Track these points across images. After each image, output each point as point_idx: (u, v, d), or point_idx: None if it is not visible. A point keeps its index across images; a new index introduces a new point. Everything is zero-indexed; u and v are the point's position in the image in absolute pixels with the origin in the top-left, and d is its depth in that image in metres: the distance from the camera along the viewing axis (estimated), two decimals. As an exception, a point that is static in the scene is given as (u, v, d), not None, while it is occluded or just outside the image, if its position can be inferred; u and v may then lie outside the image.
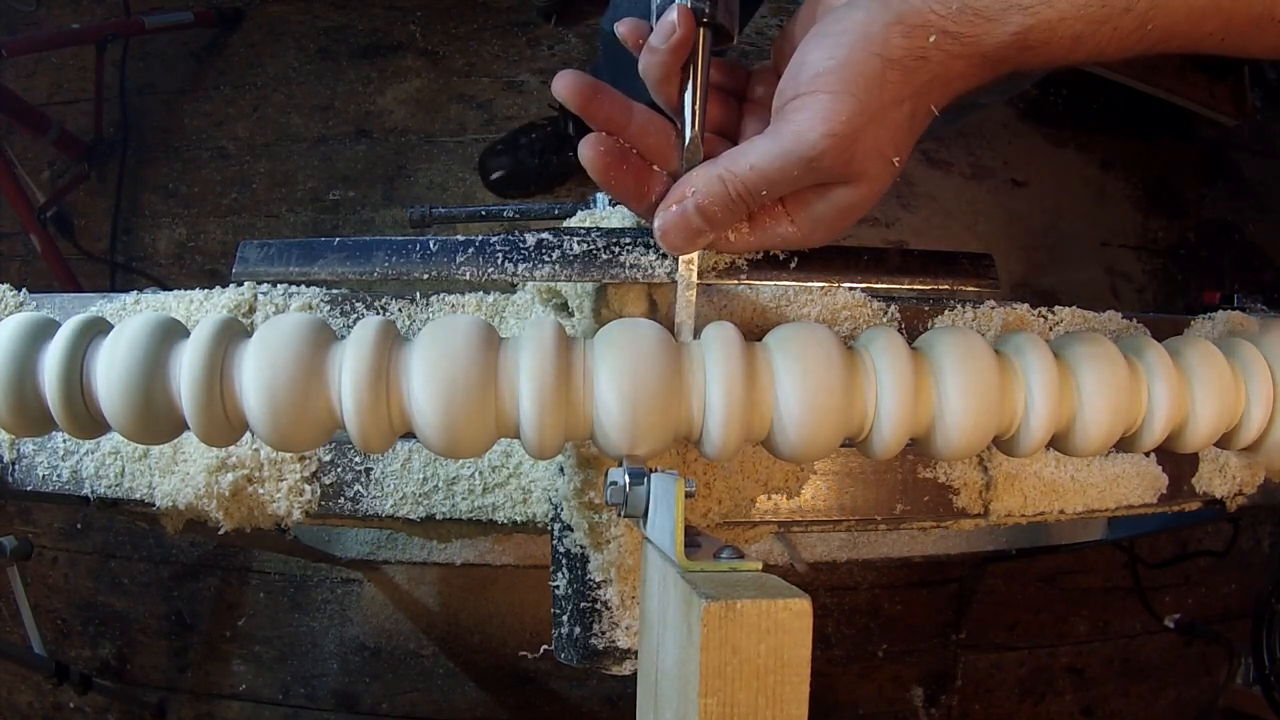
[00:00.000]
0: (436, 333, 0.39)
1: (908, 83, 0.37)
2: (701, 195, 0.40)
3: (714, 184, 0.40)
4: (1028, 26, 0.36)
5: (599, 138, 0.42)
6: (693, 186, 0.40)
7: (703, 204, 0.40)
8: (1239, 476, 0.63)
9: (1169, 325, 0.61)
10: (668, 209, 0.41)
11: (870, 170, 0.39)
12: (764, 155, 0.38)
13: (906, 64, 0.37)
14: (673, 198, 0.41)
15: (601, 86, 0.41)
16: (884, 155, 0.39)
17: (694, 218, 0.41)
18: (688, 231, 0.41)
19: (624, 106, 0.42)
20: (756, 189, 0.39)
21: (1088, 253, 1.78)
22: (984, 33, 0.36)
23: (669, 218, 0.41)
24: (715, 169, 0.40)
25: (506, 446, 0.56)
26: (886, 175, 0.40)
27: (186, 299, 0.57)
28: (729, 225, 0.42)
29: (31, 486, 0.57)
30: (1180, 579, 1.70)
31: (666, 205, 0.42)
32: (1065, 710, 1.67)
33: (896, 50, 0.36)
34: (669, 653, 0.34)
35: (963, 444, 0.42)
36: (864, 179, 0.39)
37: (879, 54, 0.36)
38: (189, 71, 1.78)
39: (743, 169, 0.39)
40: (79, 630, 1.61)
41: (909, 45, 0.36)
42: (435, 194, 1.71)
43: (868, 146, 0.38)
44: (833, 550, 1.21)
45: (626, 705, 1.32)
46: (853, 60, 0.37)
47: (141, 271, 1.70)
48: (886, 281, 0.48)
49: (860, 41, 0.37)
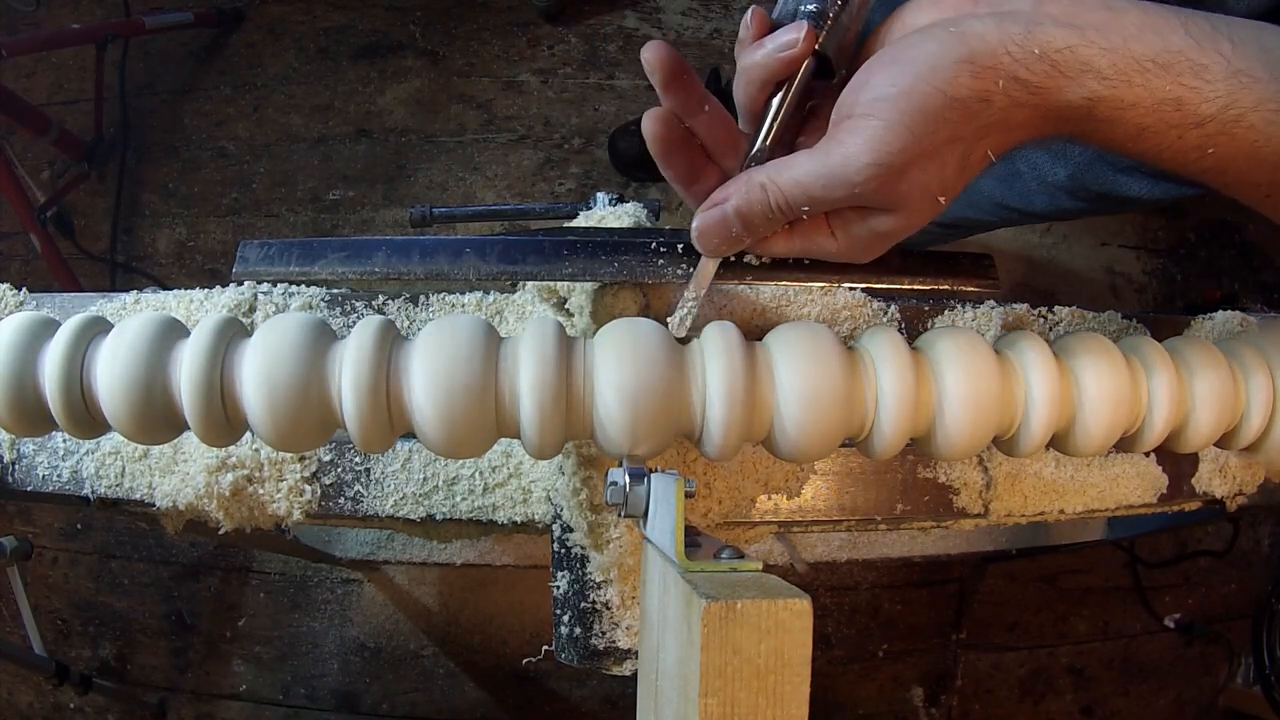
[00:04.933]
0: (436, 333, 0.39)
1: (968, 123, 0.36)
2: (742, 201, 0.40)
3: (756, 191, 0.40)
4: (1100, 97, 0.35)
5: (665, 115, 0.42)
6: (735, 191, 0.40)
7: (742, 209, 0.40)
8: (1239, 476, 0.63)
9: (1169, 325, 0.61)
10: (708, 209, 0.42)
11: (913, 203, 0.38)
12: (809, 173, 0.38)
13: (970, 104, 0.36)
14: (714, 199, 0.41)
15: (687, 69, 0.41)
16: (929, 192, 0.38)
17: (733, 222, 0.41)
18: (725, 235, 0.41)
19: (700, 94, 0.42)
20: (797, 203, 0.39)
21: (1088, 253, 1.78)
22: (1055, 88, 0.35)
23: (709, 219, 0.41)
24: (760, 176, 0.40)
25: (506, 446, 0.56)
26: (929, 210, 0.39)
27: (186, 299, 0.57)
28: (765, 234, 0.42)
29: (31, 486, 0.57)
30: (1180, 579, 1.70)
31: (708, 205, 0.42)
32: (1065, 710, 1.67)
33: (962, 89, 0.35)
34: (669, 653, 0.34)
35: (963, 444, 0.42)
36: (905, 210, 0.39)
37: (943, 90, 0.35)
38: (189, 71, 1.78)
39: (786, 182, 0.39)
40: (79, 630, 1.61)
41: (976, 85, 0.35)
42: (435, 194, 1.71)
43: (913, 181, 0.37)
44: (833, 550, 1.21)
45: (626, 705, 1.32)
46: (915, 91, 0.36)
47: (141, 271, 1.70)
48: (886, 281, 0.48)
49: (926, 73, 0.35)
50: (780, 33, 0.39)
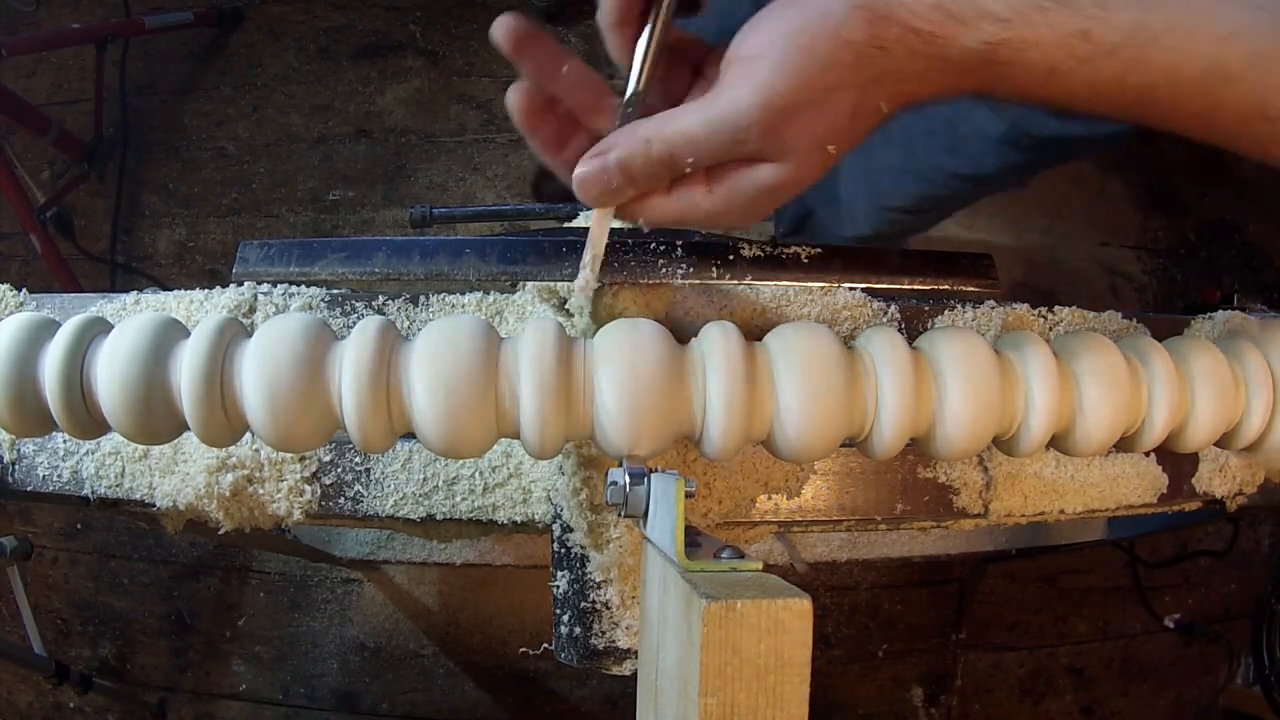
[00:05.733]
0: (436, 333, 0.39)
1: (860, 69, 0.35)
2: (624, 152, 0.39)
3: (638, 144, 0.39)
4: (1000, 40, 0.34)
5: (523, 85, 0.41)
6: (618, 142, 0.39)
7: (624, 161, 0.39)
8: (1239, 476, 0.63)
9: (1169, 325, 0.61)
10: (590, 159, 0.40)
11: (800, 152, 0.37)
12: (696, 120, 0.37)
13: (862, 49, 0.35)
14: (597, 150, 0.40)
15: (538, 34, 0.40)
16: (818, 140, 0.37)
17: (614, 174, 0.40)
18: (605, 185, 0.40)
19: (556, 56, 0.41)
20: (681, 155, 0.38)
21: (1088, 253, 1.78)
22: (951, 35, 0.34)
23: (589, 168, 0.40)
24: (642, 130, 0.39)
25: (506, 446, 0.56)
26: (818, 162, 0.38)
27: (186, 299, 0.57)
28: (648, 187, 0.40)
29: (31, 486, 0.57)
30: (1180, 579, 1.70)
31: (590, 155, 0.40)
32: (1065, 710, 1.67)
33: (856, 33, 0.35)
34: (669, 653, 0.34)
35: (963, 444, 0.42)
36: (792, 160, 0.38)
37: (835, 32, 0.35)
38: (189, 71, 1.78)
39: (671, 133, 0.38)
40: (79, 630, 1.61)
41: (870, 31, 0.35)
42: (435, 194, 1.71)
43: (802, 128, 0.36)
44: (833, 550, 1.21)
45: (626, 705, 1.32)
46: (805, 33, 0.35)
47: (141, 271, 1.70)
48: (886, 281, 0.48)
49: (818, 17, 0.35)
50: None
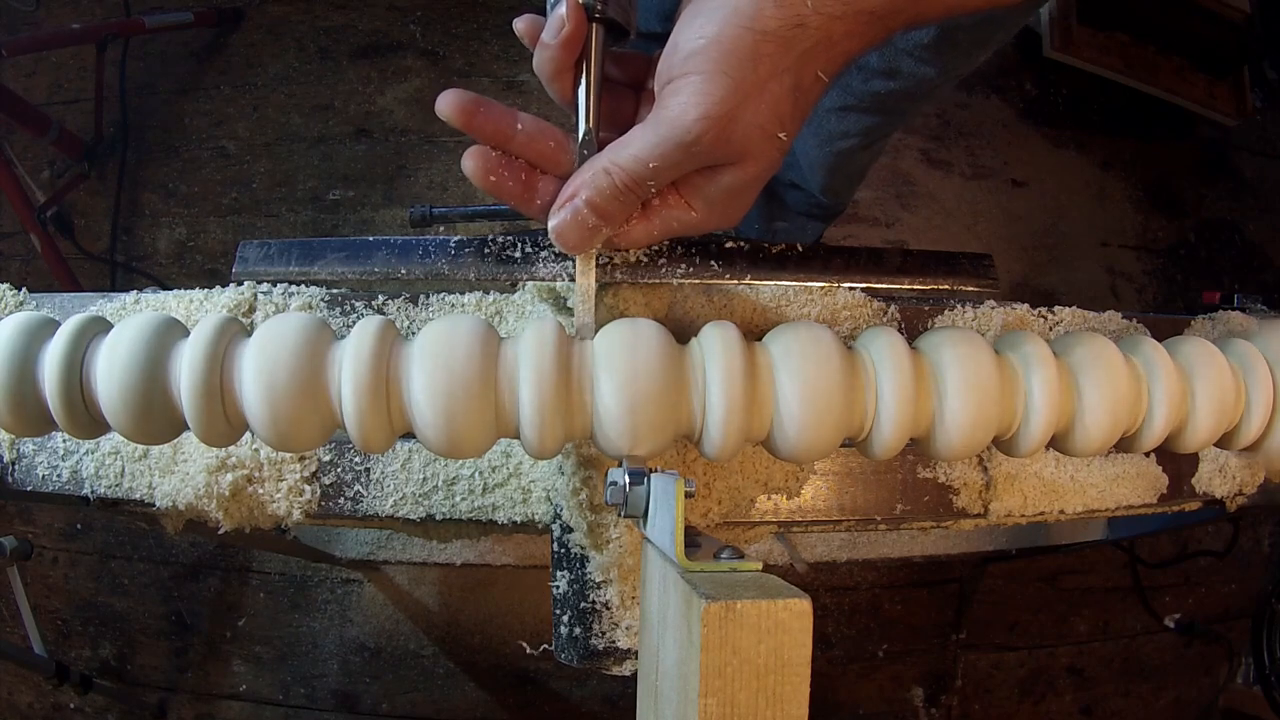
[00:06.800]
0: (436, 333, 0.39)
1: (787, 53, 0.36)
2: (590, 190, 0.40)
3: (600, 178, 0.39)
4: None
5: (479, 149, 0.42)
6: (581, 183, 0.40)
7: (593, 199, 0.40)
8: (1239, 476, 0.63)
9: (1169, 325, 0.61)
10: (560, 209, 0.41)
11: (754, 148, 0.38)
12: (645, 144, 0.38)
13: (783, 34, 0.36)
14: (564, 197, 0.41)
15: (483, 101, 0.41)
16: (767, 131, 0.38)
17: (587, 215, 0.40)
18: (582, 230, 0.41)
19: (508, 118, 0.42)
20: (643, 179, 0.38)
21: (1088, 253, 1.78)
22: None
23: (562, 218, 0.41)
24: (600, 162, 0.39)
25: (506, 446, 0.56)
26: (773, 151, 0.39)
27: (186, 299, 0.57)
28: (622, 219, 0.41)
29: (31, 486, 0.57)
30: (1180, 579, 1.70)
31: (559, 206, 0.41)
32: (1065, 710, 1.67)
33: (770, 21, 0.35)
34: (669, 653, 0.34)
35: (963, 444, 0.42)
36: (749, 158, 0.38)
37: (750, 28, 0.35)
38: (189, 71, 1.78)
39: (626, 160, 0.38)
40: (79, 630, 1.61)
41: (783, 15, 0.35)
42: (435, 194, 1.71)
43: (748, 124, 0.37)
44: (833, 550, 1.21)
45: (626, 705, 1.32)
46: (723, 36, 0.36)
47: (141, 271, 1.70)
48: (886, 281, 0.48)
49: (730, 16, 0.36)
50: (550, 20, 0.39)
